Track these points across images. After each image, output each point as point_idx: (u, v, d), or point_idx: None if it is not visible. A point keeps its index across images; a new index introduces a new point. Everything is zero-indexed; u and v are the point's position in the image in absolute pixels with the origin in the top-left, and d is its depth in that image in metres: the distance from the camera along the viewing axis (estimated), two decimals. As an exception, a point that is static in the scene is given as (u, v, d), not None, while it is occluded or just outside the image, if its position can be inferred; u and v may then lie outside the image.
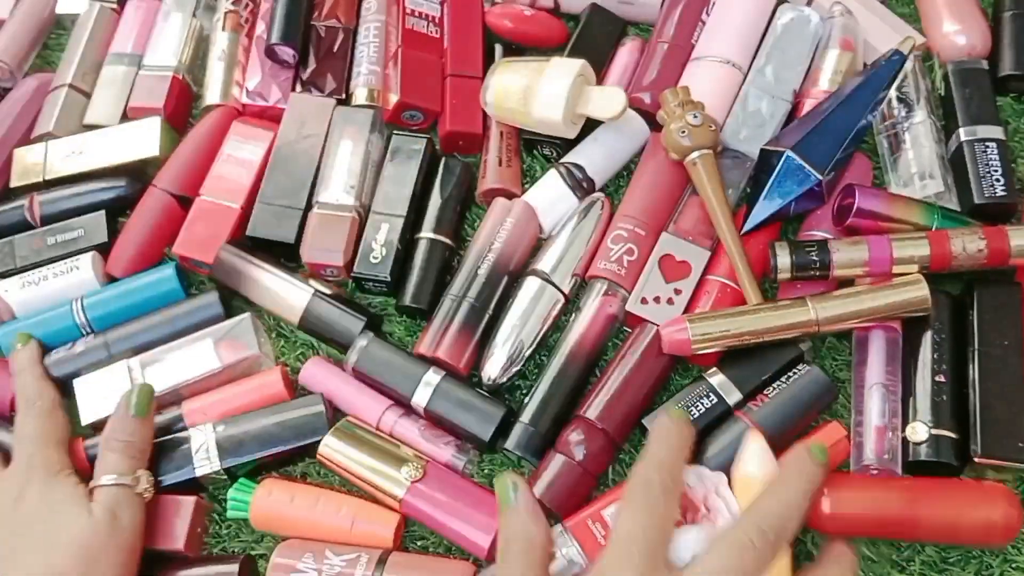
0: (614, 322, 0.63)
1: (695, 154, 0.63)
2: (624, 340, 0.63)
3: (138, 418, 0.59)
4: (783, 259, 0.61)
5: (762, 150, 0.65)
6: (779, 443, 0.56)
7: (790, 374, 0.60)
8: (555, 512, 0.57)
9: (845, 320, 0.59)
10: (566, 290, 0.63)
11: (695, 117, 0.63)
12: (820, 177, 0.61)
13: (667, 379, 0.63)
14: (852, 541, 0.55)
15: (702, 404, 0.59)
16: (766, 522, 0.45)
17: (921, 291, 0.59)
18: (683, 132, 0.63)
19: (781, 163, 0.62)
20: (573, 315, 0.63)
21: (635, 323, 0.63)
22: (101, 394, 0.63)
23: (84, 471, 0.60)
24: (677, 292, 0.62)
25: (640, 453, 0.51)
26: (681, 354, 0.60)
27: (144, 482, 0.58)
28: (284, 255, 0.67)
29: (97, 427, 0.62)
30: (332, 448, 0.60)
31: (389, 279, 0.64)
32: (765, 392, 0.59)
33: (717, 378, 0.60)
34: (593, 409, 0.59)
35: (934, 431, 0.57)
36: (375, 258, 0.65)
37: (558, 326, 0.64)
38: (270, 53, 0.72)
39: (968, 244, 0.59)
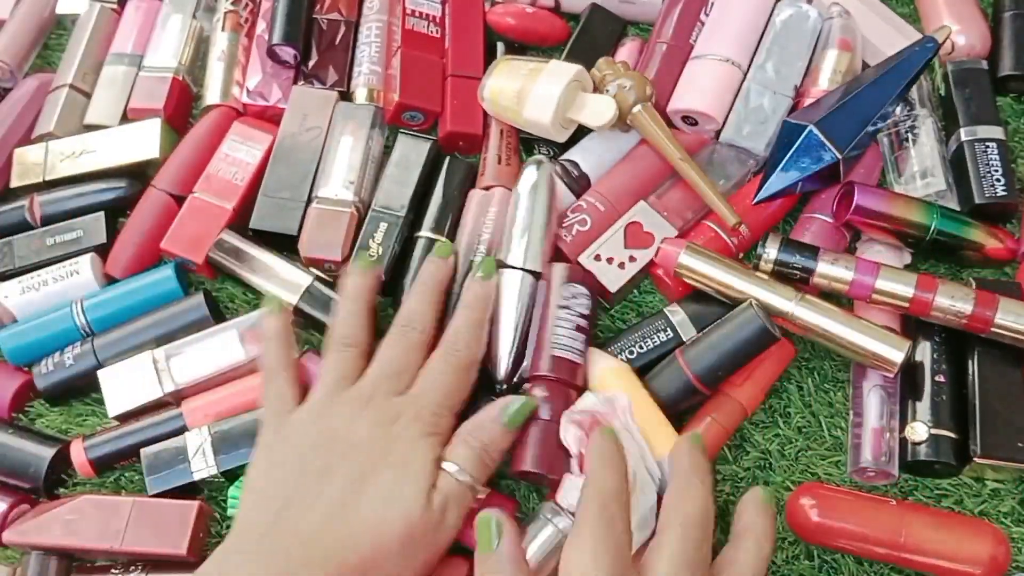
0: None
1: (637, 107, 0.65)
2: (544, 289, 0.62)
3: (507, 429, 0.55)
4: (770, 250, 0.61)
5: (785, 122, 0.64)
6: (710, 383, 0.58)
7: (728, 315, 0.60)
8: (548, 474, 0.56)
9: (813, 332, 0.59)
10: (539, 269, 0.62)
11: (623, 77, 0.65)
12: (839, 156, 0.61)
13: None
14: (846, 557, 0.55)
15: (657, 338, 0.61)
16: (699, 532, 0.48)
17: (895, 356, 0.57)
18: (623, 89, 0.65)
19: (802, 137, 0.62)
20: None
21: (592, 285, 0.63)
22: (126, 386, 0.63)
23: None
24: (632, 259, 0.63)
25: (586, 477, 0.50)
26: (665, 269, 0.62)
27: (480, 493, 0.54)
28: (285, 248, 0.67)
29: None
30: None
31: (383, 279, 0.64)
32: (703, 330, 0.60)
33: (678, 316, 0.62)
34: (544, 364, 0.58)
35: (934, 431, 0.57)
36: (371, 256, 0.65)
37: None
38: (271, 54, 0.73)
39: (956, 303, 0.57)
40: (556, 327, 0.60)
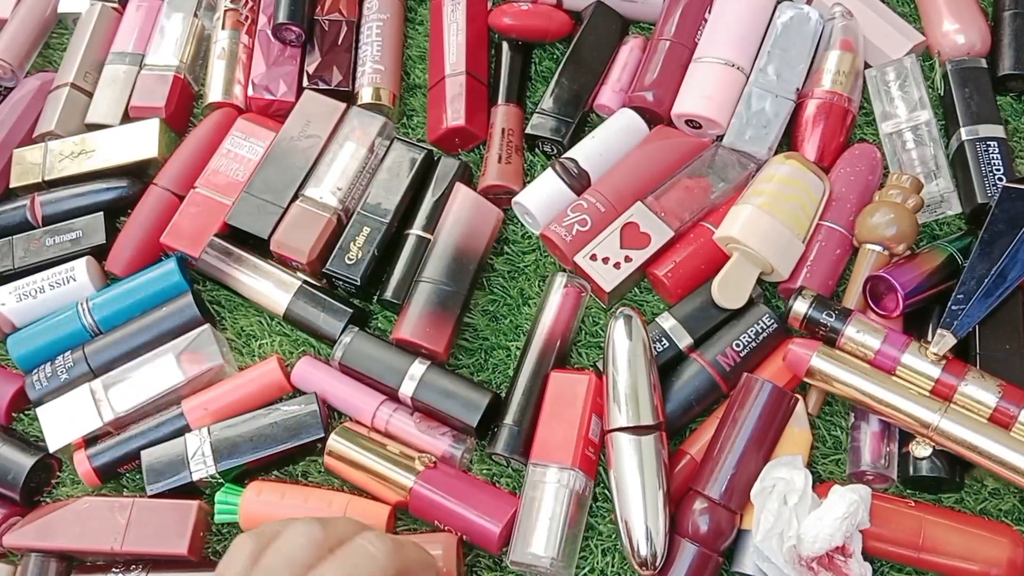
0: (577, 310, 0.64)
1: (878, 247, 0.61)
2: (727, 406, 0.58)
3: None
4: (800, 306, 0.59)
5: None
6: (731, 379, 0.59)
7: (756, 330, 0.60)
8: None
9: (960, 446, 0.54)
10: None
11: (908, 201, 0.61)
12: None
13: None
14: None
15: (655, 348, 0.61)
16: None
17: (1004, 553, 0.54)
18: (890, 222, 0.60)
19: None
20: (538, 310, 0.64)
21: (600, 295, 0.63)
22: (66, 419, 0.63)
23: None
24: (627, 259, 0.63)
25: None
26: (792, 371, 0.59)
27: None
28: (258, 246, 0.67)
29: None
30: (337, 453, 0.60)
31: (359, 282, 0.64)
32: (734, 349, 0.60)
33: (669, 323, 0.62)
34: (714, 486, 0.55)
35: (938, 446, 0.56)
36: (350, 259, 0.64)
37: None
38: (277, 33, 0.73)
39: (979, 395, 0.55)
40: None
